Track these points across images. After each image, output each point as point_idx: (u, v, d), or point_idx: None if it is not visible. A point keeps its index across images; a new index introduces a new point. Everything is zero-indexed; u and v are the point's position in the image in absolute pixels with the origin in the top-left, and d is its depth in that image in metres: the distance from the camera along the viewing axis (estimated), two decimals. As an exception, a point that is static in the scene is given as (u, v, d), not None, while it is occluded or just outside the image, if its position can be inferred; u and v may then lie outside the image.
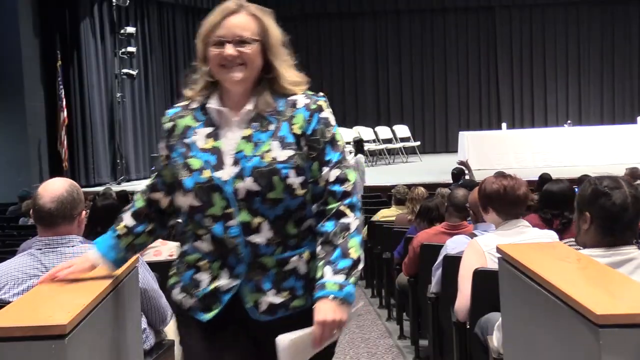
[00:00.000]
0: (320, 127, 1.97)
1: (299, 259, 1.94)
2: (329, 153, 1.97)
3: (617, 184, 2.36)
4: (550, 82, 18.43)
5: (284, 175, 1.90)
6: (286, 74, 2.00)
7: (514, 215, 3.18)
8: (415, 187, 6.58)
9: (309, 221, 1.96)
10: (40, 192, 2.69)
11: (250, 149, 1.93)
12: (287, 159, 1.92)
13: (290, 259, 1.93)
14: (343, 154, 2.01)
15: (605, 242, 2.34)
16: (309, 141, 1.95)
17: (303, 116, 1.96)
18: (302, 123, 1.96)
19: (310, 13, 18.11)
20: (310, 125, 1.96)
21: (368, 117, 17.71)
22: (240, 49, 1.94)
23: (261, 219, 1.90)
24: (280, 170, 1.90)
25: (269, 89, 1.99)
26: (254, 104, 1.97)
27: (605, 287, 1.83)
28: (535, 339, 2.05)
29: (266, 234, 1.91)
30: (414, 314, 4.82)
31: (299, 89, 2.01)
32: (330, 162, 1.96)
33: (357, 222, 1.95)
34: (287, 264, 1.93)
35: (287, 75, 2.00)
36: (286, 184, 1.90)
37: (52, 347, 1.63)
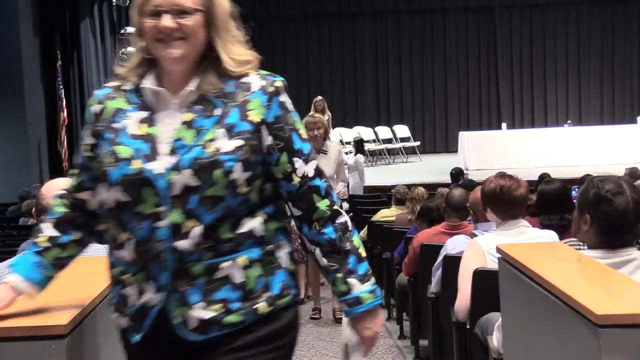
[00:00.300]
0: (282, 113, 1.71)
1: (232, 265, 1.65)
2: (297, 142, 1.72)
3: (620, 188, 2.34)
4: (550, 82, 18.43)
5: (228, 169, 1.63)
6: (233, 51, 1.72)
7: (511, 215, 3.17)
8: (415, 187, 6.57)
9: (249, 223, 1.68)
10: (44, 192, 2.69)
11: (191, 136, 1.66)
12: (233, 149, 1.64)
13: (220, 265, 1.64)
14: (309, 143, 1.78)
15: (605, 244, 2.34)
16: (272, 130, 1.69)
17: (260, 101, 1.69)
18: (260, 109, 1.68)
19: (310, 13, 18.11)
20: (271, 111, 1.69)
21: (368, 117, 17.70)
22: (179, 21, 1.66)
23: (195, 223, 1.62)
24: (224, 162, 1.63)
25: (214, 68, 1.71)
26: (196, 84, 1.69)
27: (605, 287, 1.83)
28: (535, 339, 2.05)
29: (196, 239, 1.62)
30: (414, 314, 4.82)
31: (249, 69, 1.73)
32: (301, 152, 1.72)
33: (347, 215, 1.78)
34: (217, 270, 1.64)
35: (235, 53, 1.72)
36: (229, 180, 1.63)
37: (52, 347, 1.63)
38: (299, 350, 5.25)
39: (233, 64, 1.70)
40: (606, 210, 2.32)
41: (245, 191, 1.66)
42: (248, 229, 1.67)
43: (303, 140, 1.73)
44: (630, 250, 2.33)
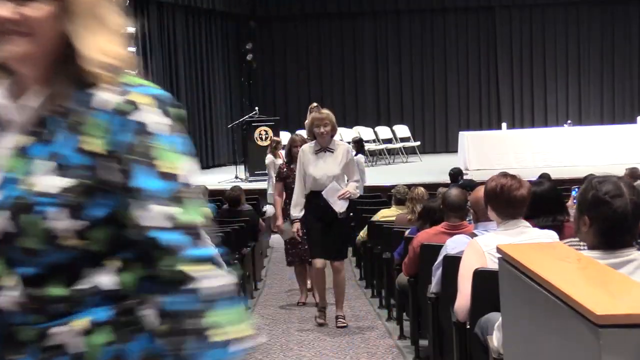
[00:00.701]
0: (137, 140, 1.23)
1: (68, 331, 1.24)
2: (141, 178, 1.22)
3: (619, 190, 2.33)
4: (550, 82, 18.44)
5: (40, 216, 1.21)
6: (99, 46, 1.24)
7: (510, 215, 3.17)
8: (415, 187, 6.58)
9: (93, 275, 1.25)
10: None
11: (22, 168, 1.25)
12: (56, 191, 1.21)
13: (50, 330, 1.24)
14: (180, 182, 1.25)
15: (604, 245, 2.34)
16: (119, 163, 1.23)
17: (104, 123, 1.23)
18: (102, 134, 1.23)
19: (310, 13, 18.12)
20: (117, 136, 1.23)
21: (368, 117, 17.71)
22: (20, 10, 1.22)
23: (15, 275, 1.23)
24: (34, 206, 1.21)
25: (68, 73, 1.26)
26: (41, 96, 1.27)
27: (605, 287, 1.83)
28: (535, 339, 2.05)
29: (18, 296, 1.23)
30: (414, 314, 4.82)
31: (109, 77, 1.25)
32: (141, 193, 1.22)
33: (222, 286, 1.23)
34: (48, 338, 1.24)
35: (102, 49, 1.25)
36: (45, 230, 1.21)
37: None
38: (300, 350, 5.25)
39: (95, 64, 1.24)
40: (605, 213, 2.32)
41: (75, 244, 1.23)
42: (91, 284, 1.25)
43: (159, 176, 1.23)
44: (629, 250, 2.33)
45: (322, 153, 5.63)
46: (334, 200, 5.51)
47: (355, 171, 5.84)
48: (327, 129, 5.57)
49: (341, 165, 5.62)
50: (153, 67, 14.99)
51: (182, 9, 15.81)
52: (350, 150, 5.89)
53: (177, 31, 15.71)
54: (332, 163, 5.60)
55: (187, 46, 15.95)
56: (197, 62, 16.17)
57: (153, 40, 15.03)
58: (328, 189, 5.53)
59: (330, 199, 5.51)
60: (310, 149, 5.68)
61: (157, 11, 15.25)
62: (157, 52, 15.16)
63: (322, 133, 5.57)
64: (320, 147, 5.63)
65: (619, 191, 2.33)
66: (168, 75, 15.48)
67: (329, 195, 5.52)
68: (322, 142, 5.63)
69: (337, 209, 5.53)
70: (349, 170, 5.73)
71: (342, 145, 5.88)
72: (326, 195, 5.52)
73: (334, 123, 5.67)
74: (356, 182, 5.77)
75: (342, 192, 5.53)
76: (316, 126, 5.58)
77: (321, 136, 5.58)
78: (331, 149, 5.64)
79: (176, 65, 15.62)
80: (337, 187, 5.56)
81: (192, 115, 15.97)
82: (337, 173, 5.60)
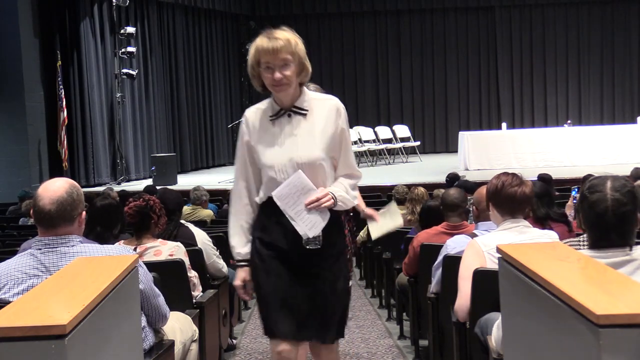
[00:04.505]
0: None
1: None
2: None
3: (601, 187, 2.32)
4: (550, 82, 18.44)
5: None
6: None
7: (511, 212, 3.17)
8: (415, 187, 6.57)
9: None
10: (40, 194, 2.69)
11: None
12: None
13: None
14: None
15: (594, 244, 2.34)
16: None
17: None
18: None
19: (310, 13, 18.12)
20: None
21: (368, 117, 17.71)
22: None
23: None
24: None
25: None
26: None
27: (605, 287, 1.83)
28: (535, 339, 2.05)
29: None
30: (414, 314, 4.82)
31: None
32: None
33: None
34: None
35: None
36: None
37: (52, 347, 1.63)
38: (299, 350, 5.25)
39: None
40: (585, 209, 2.33)
41: None
42: None
43: None
44: (615, 251, 2.31)
45: (284, 119, 2.84)
46: (296, 212, 2.74)
47: (350, 155, 2.93)
48: (287, 71, 2.73)
49: (325, 139, 2.81)
50: (153, 67, 14.99)
51: (182, 9, 15.81)
52: (342, 111, 2.88)
53: (177, 31, 15.71)
54: (305, 136, 2.81)
55: (187, 46, 15.95)
56: (197, 62, 16.16)
57: (153, 40, 15.03)
58: (285, 185, 2.75)
59: (289, 209, 2.75)
60: (259, 114, 2.87)
61: (157, 11, 15.25)
62: (157, 52, 15.15)
63: (278, 80, 2.74)
64: (280, 107, 2.84)
65: (601, 187, 2.32)
66: (168, 75, 15.48)
67: (285, 201, 2.75)
68: (282, 98, 2.82)
69: (301, 231, 2.73)
70: (339, 152, 2.88)
71: (326, 100, 2.90)
72: (280, 200, 2.75)
73: (300, 56, 2.77)
74: (350, 180, 2.90)
75: (314, 197, 2.74)
76: (265, 66, 2.75)
77: (277, 86, 2.76)
78: (302, 110, 2.83)
79: (176, 65, 15.62)
80: (303, 182, 2.75)
81: (192, 115, 15.97)
82: (316, 157, 2.79)
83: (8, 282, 2.63)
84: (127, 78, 13.75)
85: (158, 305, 2.99)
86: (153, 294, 2.96)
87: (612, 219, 2.29)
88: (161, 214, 4.04)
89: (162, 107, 15.24)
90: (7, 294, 2.60)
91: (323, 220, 2.75)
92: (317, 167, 2.80)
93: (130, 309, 2.33)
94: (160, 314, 3.03)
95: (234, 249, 2.91)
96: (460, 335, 3.34)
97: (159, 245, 3.97)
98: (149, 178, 13.38)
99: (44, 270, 2.63)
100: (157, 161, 13.11)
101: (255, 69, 2.79)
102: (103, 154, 13.50)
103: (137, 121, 14.47)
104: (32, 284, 2.56)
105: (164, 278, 3.37)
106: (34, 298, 1.90)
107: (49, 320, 1.66)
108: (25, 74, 12.12)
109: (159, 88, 15.19)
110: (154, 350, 3.00)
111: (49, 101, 12.66)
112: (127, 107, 14.09)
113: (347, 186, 2.87)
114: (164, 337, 3.16)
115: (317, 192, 2.75)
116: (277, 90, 2.77)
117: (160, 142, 15.03)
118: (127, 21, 14.12)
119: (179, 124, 15.71)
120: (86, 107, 13.23)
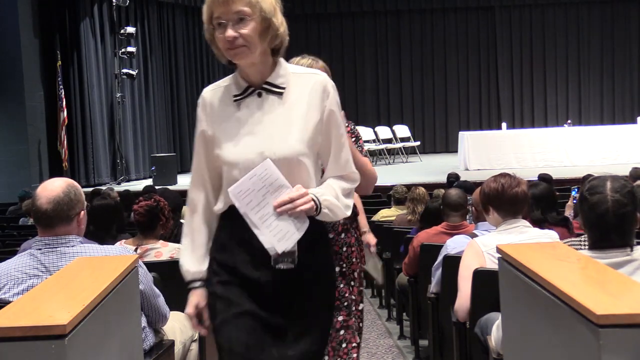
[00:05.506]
0: None
1: None
2: None
3: (601, 188, 2.32)
4: (550, 82, 18.44)
5: None
6: None
7: (513, 213, 3.17)
8: (415, 187, 6.57)
9: None
10: (38, 193, 2.69)
11: None
12: None
13: None
14: None
15: (593, 245, 2.34)
16: None
17: None
18: None
19: (310, 13, 18.12)
20: None
21: (368, 117, 17.71)
22: None
23: None
24: None
25: None
26: None
27: (605, 287, 1.82)
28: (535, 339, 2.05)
29: None
30: (414, 314, 4.82)
31: None
32: None
33: None
34: None
35: None
36: None
37: (52, 347, 1.62)
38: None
39: None
40: (585, 210, 2.32)
41: None
42: None
43: None
44: (616, 251, 2.31)
45: (252, 100, 2.14)
46: (261, 216, 2.02)
47: (344, 150, 2.20)
48: (244, 29, 2.03)
49: (308, 126, 2.12)
50: (153, 67, 15.00)
51: (182, 9, 15.81)
52: (330, 90, 2.28)
53: (177, 31, 15.71)
54: (281, 123, 2.11)
55: (187, 46, 15.95)
56: (197, 62, 16.17)
57: (153, 40, 15.03)
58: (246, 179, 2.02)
59: (251, 212, 2.02)
60: (220, 94, 2.17)
61: (157, 11, 15.25)
62: (157, 52, 15.16)
63: (231, 39, 2.02)
64: (248, 84, 2.14)
65: (601, 188, 2.32)
66: (168, 75, 15.48)
67: (246, 200, 2.02)
68: (248, 71, 2.13)
69: (267, 243, 2.00)
70: (329, 145, 2.17)
71: (309, 75, 2.26)
72: (238, 199, 2.02)
73: (263, 11, 2.08)
74: (344, 183, 2.18)
75: (286, 196, 2.02)
76: (217, 23, 2.05)
77: (231, 49, 2.04)
78: (276, 87, 2.14)
79: (176, 65, 15.62)
80: (272, 175, 2.03)
81: (192, 115, 15.96)
82: (295, 151, 2.08)
83: (8, 282, 2.63)
84: (127, 78, 13.75)
85: (158, 305, 2.99)
86: (153, 294, 2.96)
87: (612, 219, 2.29)
88: (169, 217, 4.02)
89: (162, 107, 15.24)
90: (7, 294, 2.60)
91: (297, 231, 2.00)
92: (296, 165, 2.06)
93: (130, 309, 2.33)
94: (161, 314, 3.03)
95: (182, 266, 2.18)
96: (460, 335, 3.34)
97: (160, 247, 3.96)
98: (149, 178, 13.38)
99: (43, 270, 2.62)
100: (157, 161, 13.11)
101: (210, 31, 2.07)
102: (103, 154, 13.50)
103: (137, 121, 14.47)
104: (32, 284, 2.56)
105: (164, 278, 3.37)
106: (34, 298, 1.90)
107: (49, 320, 1.66)
108: (25, 74, 12.12)
109: (159, 88, 15.19)
110: (154, 351, 3.00)
111: (49, 101, 12.66)
112: (127, 107, 14.10)
113: (337, 190, 2.12)
114: (164, 337, 3.16)
115: (292, 190, 2.02)
116: (232, 55, 2.04)
117: (160, 142, 15.03)
118: (127, 21, 14.12)
119: (179, 124, 15.71)
120: (86, 107, 13.23)
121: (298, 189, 2.02)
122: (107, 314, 2.01)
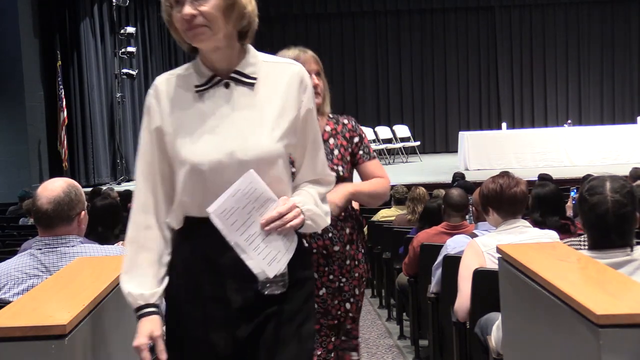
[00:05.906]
0: None
1: None
2: None
3: (601, 188, 2.32)
4: (550, 82, 18.44)
5: None
6: None
7: (513, 213, 3.17)
8: (415, 187, 6.57)
9: None
10: (38, 193, 2.69)
11: None
12: None
13: None
14: None
15: (594, 245, 2.34)
16: None
17: None
18: None
19: (310, 13, 18.12)
20: None
21: (368, 117, 17.70)
22: None
23: None
24: None
25: None
26: None
27: (605, 287, 1.82)
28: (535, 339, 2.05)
29: None
30: (414, 314, 4.82)
31: None
32: None
33: None
34: None
35: None
36: None
37: (52, 347, 1.62)
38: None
39: None
40: (584, 210, 2.32)
41: None
42: None
43: None
44: (616, 251, 2.31)
45: (218, 91, 1.85)
46: (247, 238, 1.74)
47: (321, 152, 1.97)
48: (203, 6, 1.75)
49: (283, 122, 1.83)
50: (153, 67, 15.00)
51: (182, 9, 15.79)
52: (307, 83, 1.90)
53: (177, 31, 15.69)
54: (253, 119, 1.82)
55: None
56: (197, 62, 16.15)
57: (153, 40, 15.03)
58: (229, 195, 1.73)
59: (236, 234, 1.73)
60: (178, 82, 1.93)
61: (157, 11, 15.20)
62: (157, 52, 15.16)
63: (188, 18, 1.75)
64: (213, 73, 1.86)
65: (601, 189, 2.32)
66: (168, 75, 15.47)
67: (230, 220, 1.73)
68: (212, 57, 1.85)
69: (257, 268, 1.74)
70: (304, 145, 1.91)
71: (284, 65, 1.92)
72: (221, 219, 1.73)
73: None
74: (320, 187, 1.95)
75: (274, 212, 1.76)
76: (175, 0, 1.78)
77: (189, 30, 1.77)
78: (246, 77, 1.85)
79: (176, 66, 15.50)
80: (257, 188, 1.75)
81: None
82: (270, 151, 1.79)
83: (8, 282, 2.63)
84: (127, 78, 13.75)
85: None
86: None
87: (612, 220, 2.29)
88: None
89: (162, 107, 15.22)
90: (7, 294, 2.60)
91: (287, 251, 1.77)
92: (270, 167, 1.79)
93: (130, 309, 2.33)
94: (160, 313, 3.02)
95: (130, 294, 1.81)
96: (460, 335, 3.34)
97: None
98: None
99: (44, 270, 2.62)
100: (157, 161, 13.09)
101: (167, 10, 1.82)
102: (103, 153, 13.50)
103: (137, 121, 14.46)
104: (32, 284, 2.56)
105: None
106: (34, 298, 1.90)
107: (49, 320, 1.66)
108: (25, 74, 12.12)
109: (159, 88, 15.17)
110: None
111: (49, 101, 12.66)
112: (127, 107, 14.10)
113: (316, 197, 1.89)
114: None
115: (278, 204, 1.77)
116: (191, 36, 1.78)
117: (160, 142, 15.01)
118: (127, 21, 14.12)
119: (178, 124, 15.70)
120: (86, 107, 13.23)
121: (284, 202, 1.77)
122: (107, 314, 2.01)
